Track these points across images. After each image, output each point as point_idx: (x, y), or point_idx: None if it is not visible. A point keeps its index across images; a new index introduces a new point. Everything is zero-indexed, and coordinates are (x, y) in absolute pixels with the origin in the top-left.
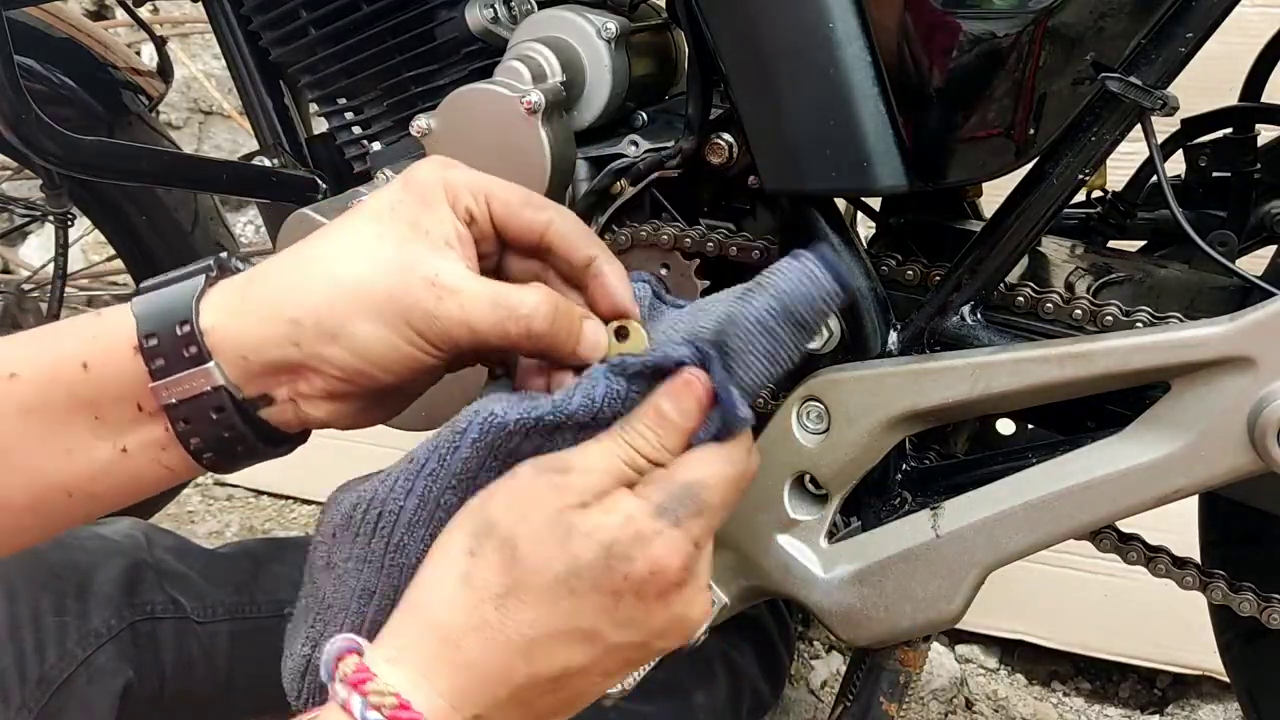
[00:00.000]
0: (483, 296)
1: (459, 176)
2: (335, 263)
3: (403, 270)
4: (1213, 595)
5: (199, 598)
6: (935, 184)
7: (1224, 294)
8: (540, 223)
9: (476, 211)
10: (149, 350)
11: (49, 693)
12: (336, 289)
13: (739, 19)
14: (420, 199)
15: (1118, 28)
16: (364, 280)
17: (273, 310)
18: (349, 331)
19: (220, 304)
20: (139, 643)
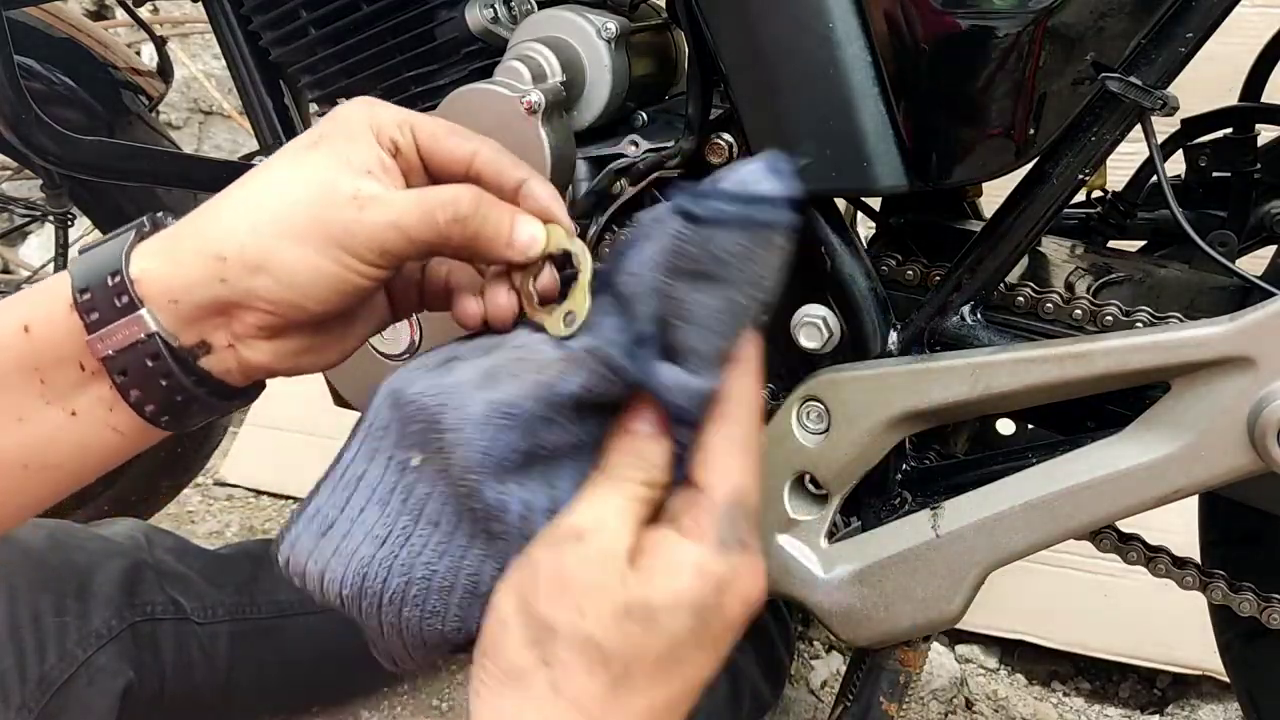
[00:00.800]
0: (407, 196)
1: (383, 110)
2: (258, 195)
3: (324, 192)
4: (1213, 595)
5: (199, 598)
6: (935, 184)
7: (1224, 294)
8: (466, 151)
9: (402, 142)
10: (83, 304)
11: (49, 693)
12: (259, 220)
13: (739, 19)
14: (344, 132)
15: (1118, 28)
16: (286, 207)
17: (198, 249)
18: (274, 260)
19: (150, 250)
20: (139, 643)
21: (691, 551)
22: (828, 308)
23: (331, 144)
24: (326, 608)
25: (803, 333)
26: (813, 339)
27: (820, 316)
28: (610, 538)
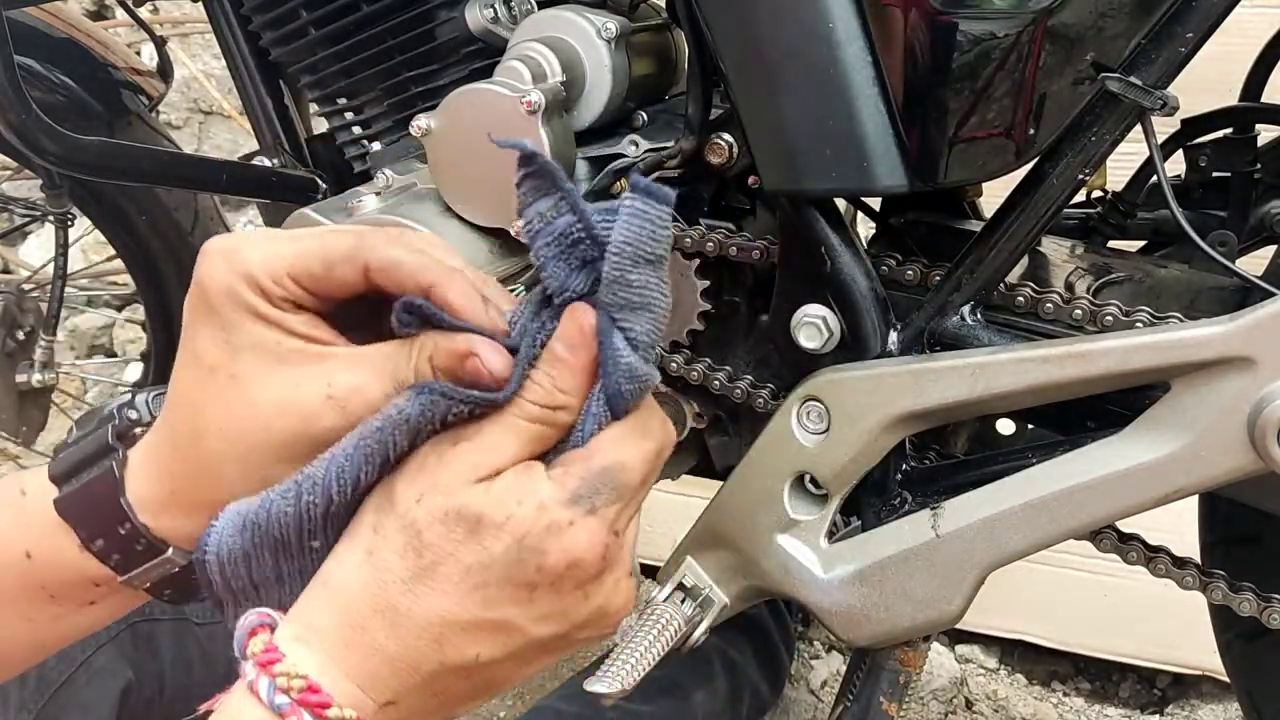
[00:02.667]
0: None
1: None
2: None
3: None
4: (1213, 595)
5: None
6: (935, 184)
7: (1224, 294)
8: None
9: (292, 294)
10: (100, 551)
11: (48, 693)
12: (246, 458)
13: (739, 19)
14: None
15: (1118, 28)
16: (263, 437)
17: (205, 499)
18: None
19: (148, 501)
20: (138, 644)
21: (542, 488)
22: (828, 308)
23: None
24: None
25: (803, 333)
26: (813, 339)
27: (820, 316)
28: (480, 445)
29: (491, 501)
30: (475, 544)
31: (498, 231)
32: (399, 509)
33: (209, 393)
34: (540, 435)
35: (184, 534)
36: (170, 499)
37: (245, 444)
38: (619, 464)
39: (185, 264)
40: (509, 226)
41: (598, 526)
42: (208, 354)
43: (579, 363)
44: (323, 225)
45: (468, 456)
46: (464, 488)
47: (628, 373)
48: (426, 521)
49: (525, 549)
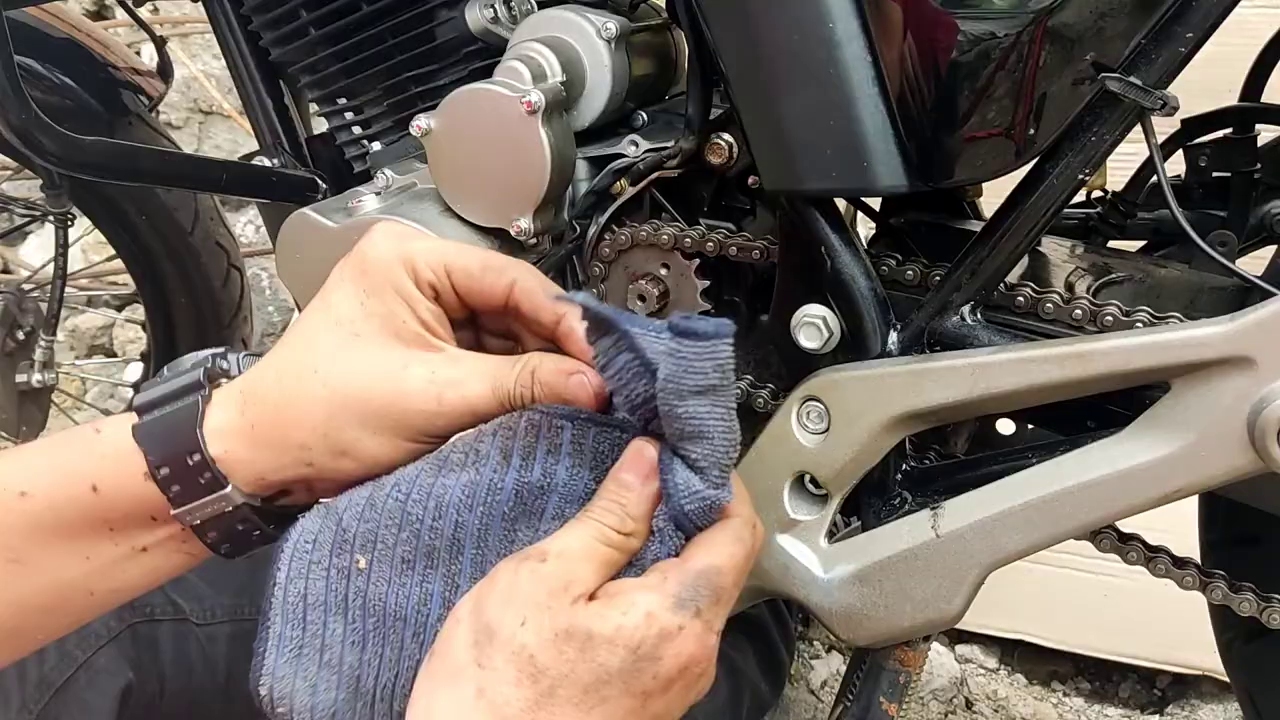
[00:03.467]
0: (483, 382)
1: (416, 252)
2: (327, 379)
3: (395, 376)
4: (1213, 595)
5: (198, 600)
6: (935, 184)
7: (1224, 294)
8: (502, 287)
9: (440, 285)
10: (163, 480)
11: (48, 694)
12: (336, 408)
13: (739, 19)
14: (385, 286)
15: (1118, 28)
16: (360, 394)
17: (280, 437)
18: (357, 448)
19: (225, 429)
20: (138, 645)
21: (646, 598)
22: (828, 308)
23: (377, 305)
24: None
25: (803, 333)
26: (813, 339)
27: (820, 316)
28: (569, 564)
29: (595, 617)
30: (590, 661)
31: (497, 231)
32: (503, 636)
33: (329, 339)
34: (612, 560)
35: (249, 470)
36: (249, 430)
37: (341, 396)
38: (714, 568)
39: (185, 264)
40: (508, 226)
41: (704, 629)
42: (341, 307)
43: (647, 492)
44: (326, 225)
45: (558, 576)
46: (566, 607)
47: (689, 495)
48: (538, 645)
49: (641, 658)
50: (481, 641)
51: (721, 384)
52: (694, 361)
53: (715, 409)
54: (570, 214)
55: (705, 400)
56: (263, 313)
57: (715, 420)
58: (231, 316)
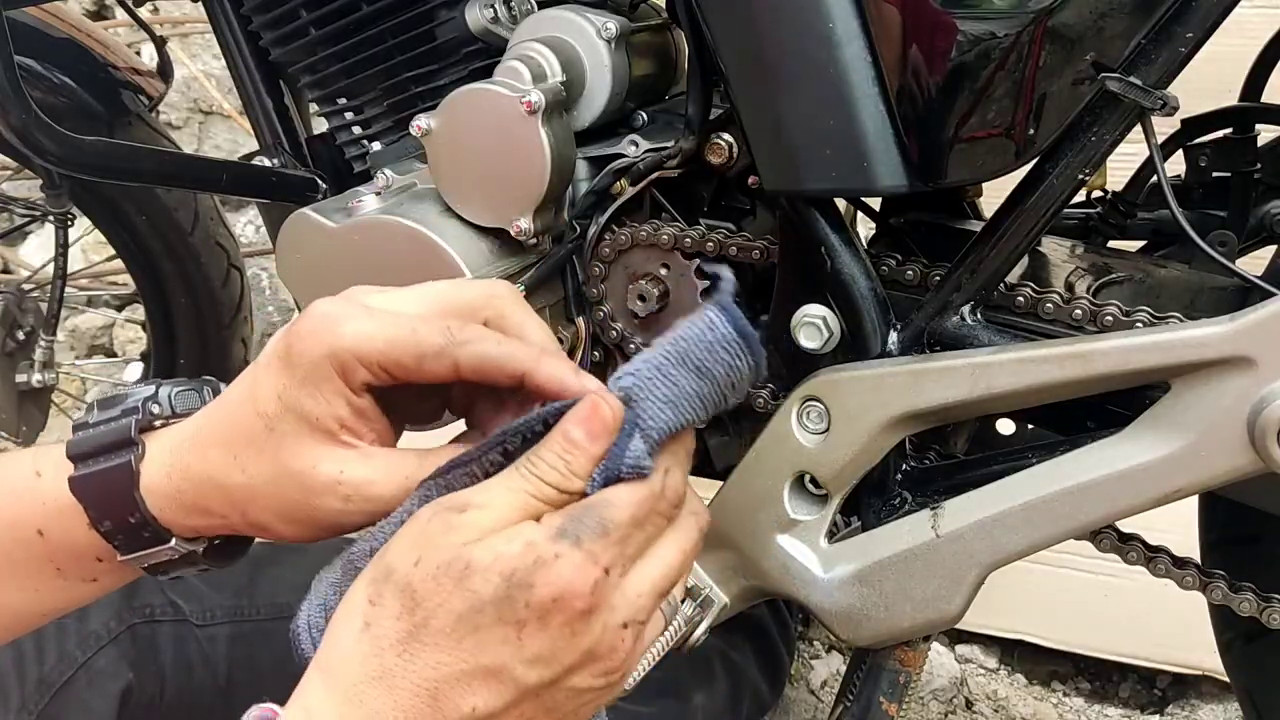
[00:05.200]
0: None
1: (346, 347)
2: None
3: (303, 477)
4: (1213, 595)
5: (198, 601)
6: (935, 184)
7: (1224, 294)
8: (445, 372)
9: (372, 380)
10: (107, 533)
11: (49, 695)
12: (251, 497)
13: (739, 19)
14: (305, 380)
15: (1118, 28)
16: (271, 490)
17: (204, 508)
18: (272, 530)
19: (158, 492)
20: (138, 645)
21: (528, 528)
22: (828, 308)
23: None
24: None
25: (803, 333)
26: (813, 339)
27: (820, 316)
28: (486, 512)
29: (481, 547)
30: (465, 589)
31: (497, 231)
32: (396, 575)
33: (246, 426)
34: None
35: (185, 528)
36: (178, 497)
37: (254, 488)
38: (603, 500)
39: (185, 264)
40: (508, 226)
41: (584, 560)
42: (262, 398)
43: (595, 450)
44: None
45: (475, 521)
46: (457, 543)
47: (633, 462)
48: (420, 579)
49: (513, 585)
50: (378, 579)
51: (720, 379)
52: (714, 339)
53: (700, 395)
54: (570, 214)
55: (697, 379)
56: (263, 312)
57: (692, 403)
58: (231, 316)
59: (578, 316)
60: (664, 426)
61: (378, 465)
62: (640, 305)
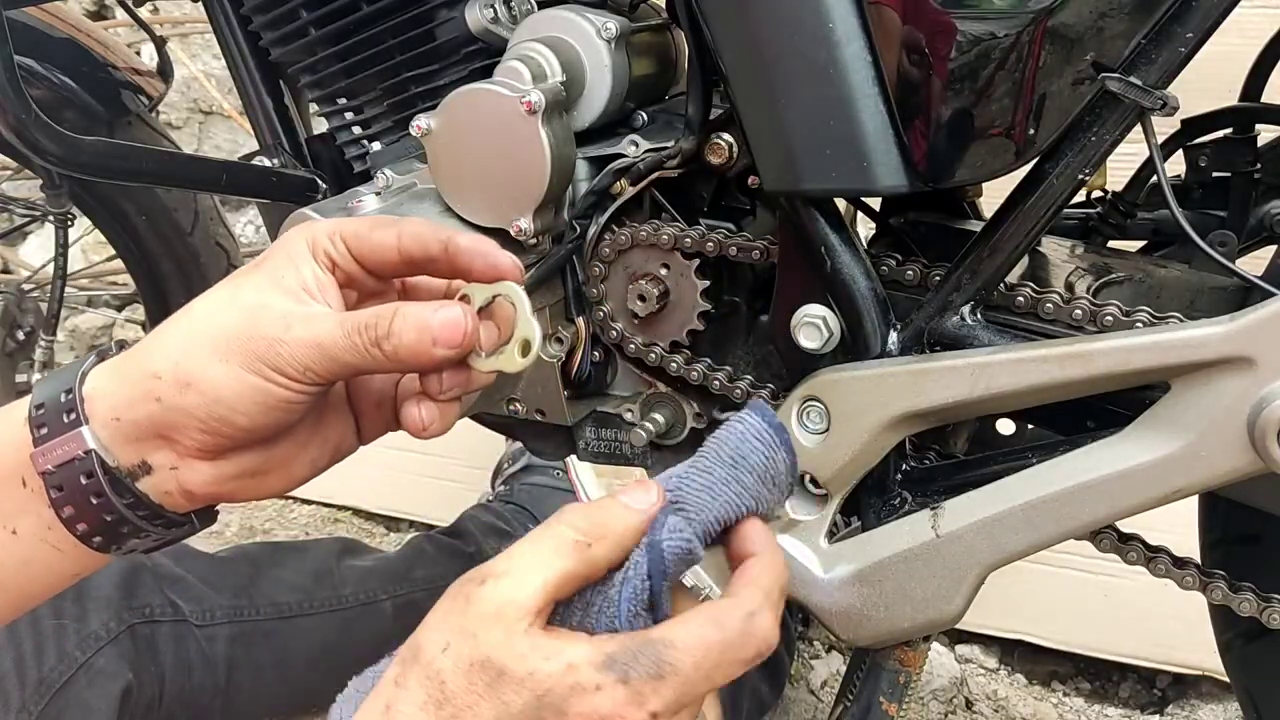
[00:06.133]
0: (331, 317)
1: (319, 226)
2: (197, 316)
3: (254, 313)
4: (1213, 595)
5: (197, 601)
6: (935, 184)
7: (1224, 294)
8: (389, 238)
9: (335, 254)
10: (35, 419)
11: (48, 695)
12: (192, 338)
13: (739, 19)
14: (283, 253)
15: (1118, 28)
16: (217, 327)
17: (139, 368)
18: (202, 376)
19: (103, 370)
20: (138, 646)
21: (576, 649)
22: (828, 308)
23: (269, 266)
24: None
25: (803, 333)
26: (813, 339)
27: (820, 316)
28: (513, 586)
29: (516, 655)
30: (495, 697)
31: (497, 231)
32: (424, 658)
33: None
34: (569, 574)
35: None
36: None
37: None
38: (666, 640)
39: (185, 264)
40: (508, 226)
41: (627, 697)
42: (238, 273)
43: (629, 515)
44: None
45: (493, 600)
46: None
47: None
48: (451, 672)
49: (545, 706)
50: (407, 660)
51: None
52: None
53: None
54: (570, 214)
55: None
56: None
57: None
58: None
59: (578, 316)
60: (704, 509)
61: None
62: (640, 305)
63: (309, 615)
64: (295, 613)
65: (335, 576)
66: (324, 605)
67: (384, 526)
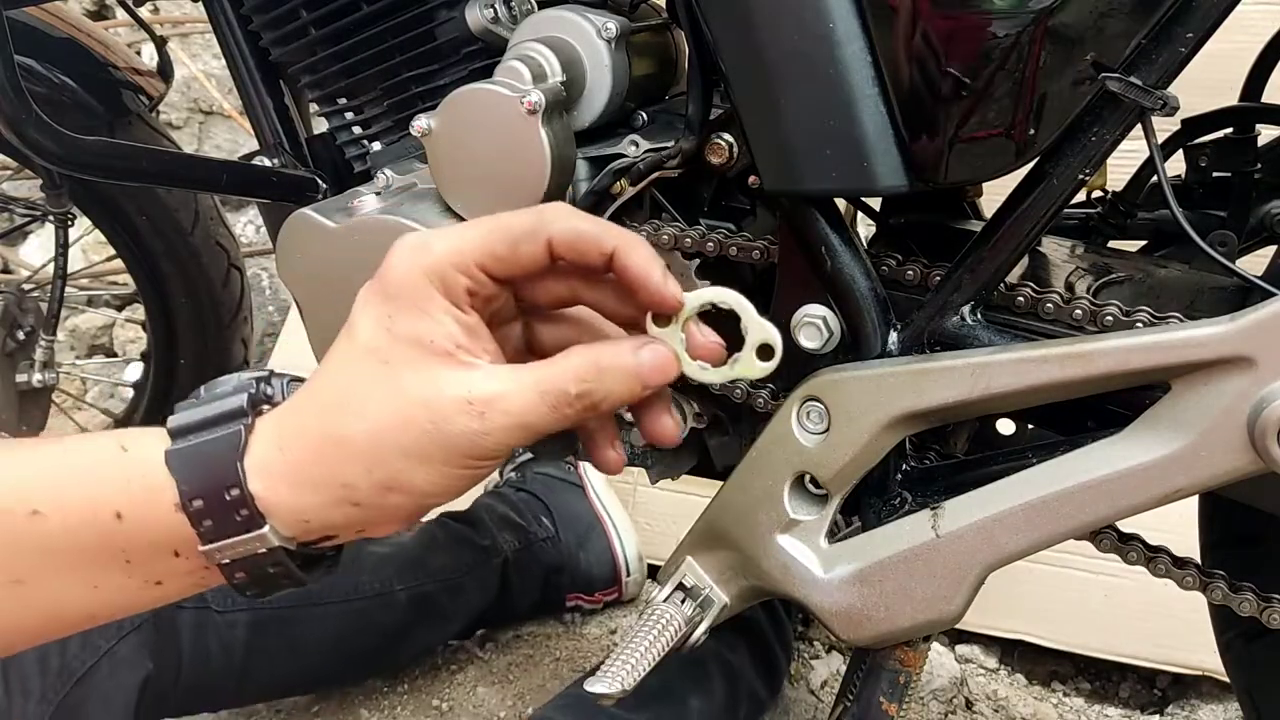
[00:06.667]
0: (526, 391)
1: (439, 260)
2: (364, 410)
3: (429, 401)
4: (1213, 595)
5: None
6: (935, 184)
7: (1224, 294)
8: (541, 251)
9: (478, 286)
10: (195, 513)
11: (70, 684)
12: (377, 441)
13: (739, 19)
14: (410, 306)
15: (1118, 27)
16: (398, 424)
17: (324, 475)
18: (404, 481)
19: (266, 466)
20: (160, 632)
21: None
22: (828, 308)
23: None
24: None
25: (803, 333)
26: (812, 339)
27: (820, 316)
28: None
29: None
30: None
31: None
32: None
33: (359, 371)
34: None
35: (290, 512)
36: (289, 468)
37: (379, 428)
38: None
39: (185, 264)
40: None
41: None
42: (367, 336)
43: None
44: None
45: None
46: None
47: None
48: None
49: None
50: None
51: None
52: None
53: None
54: None
55: None
56: (263, 312)
57: None
58: (232, 316)
59: None
60: None
61: (505, 378)
62: None
63: (327, 604)
64: (314, 600)
65: (355, 561)
66: (341, 594)
67: None
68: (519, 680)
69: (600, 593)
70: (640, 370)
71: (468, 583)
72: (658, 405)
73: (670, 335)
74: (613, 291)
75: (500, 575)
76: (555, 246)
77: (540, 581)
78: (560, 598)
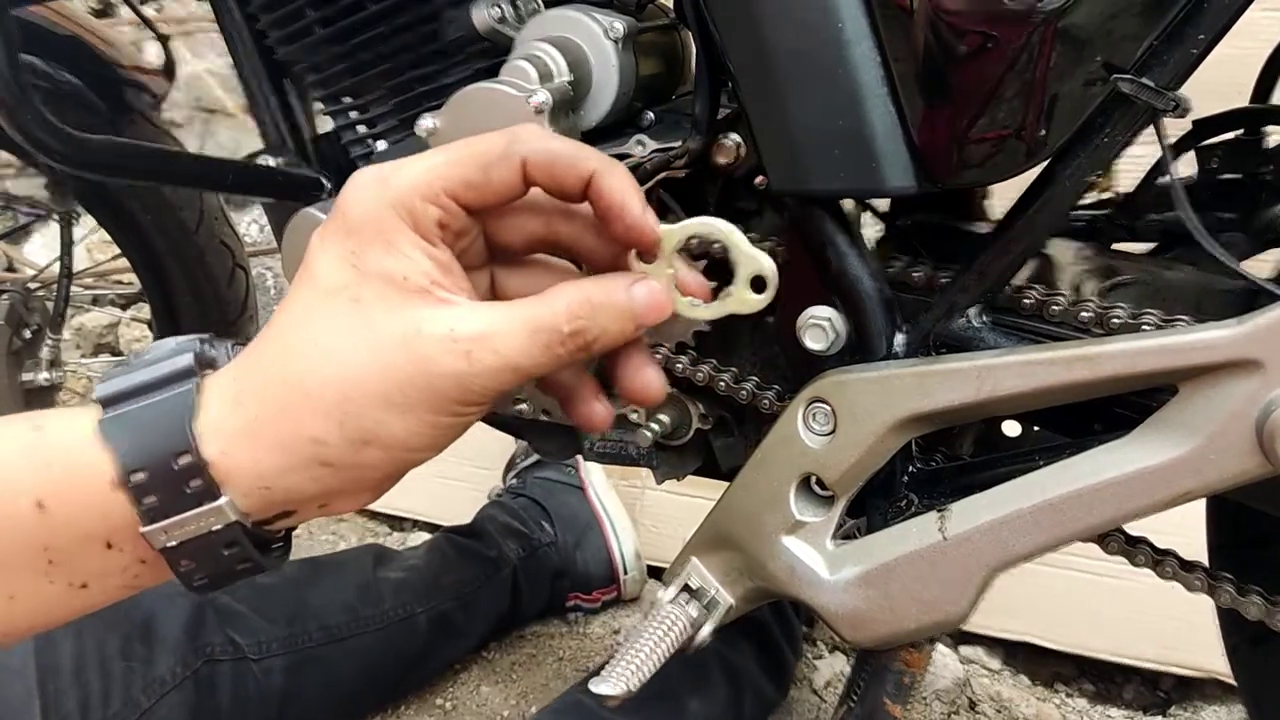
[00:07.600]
0: (516, 330)
1: (404, 190)
2: (331, 357)
3: (409, 341)
4: (1220, 598)
5: (254, 634)
6: (944, 185)
7: (1232, 297)
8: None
9: (445, 217)
10: (137, 487)
11: None
12: (349, 389)
13: (747, 19)
14: (377, 241)
15: (1129, 29)
16: (374, 369)
17: (289, 433)
18: (381, 432)
19: (220, 429)
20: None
21: None
22: (834, 309)
23: (372, 263)
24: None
25: (809, 334)
26: (819, 340)
27: (826, 318)
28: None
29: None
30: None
31: None
32: None
33: (325, 312)
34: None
35: (249, 475)
36: (249, 426)
37: (352, 374)
38: None
39: (190, 263)
40: None
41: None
42: (330, 276)
43: None
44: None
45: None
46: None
47: None
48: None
49: None
50: None
51: None
52: None
53: None
54: None
55: None
56: (267, 312)
57: None
58: (236, 315)
59: None
60: None
61: (491, 316)
62: None
63: (356, 636)
64: (345, 634)
65: (375, 591)
66: (369, 624)
67: (388, 526)
68: (522, 679)
69: (598, 591)
70: (634, 306)
71: (481, 596)
72: (637, 356)
73: (658, 272)
74: (590, 227)
75: (511, 585)
76: (530, 170)
77: (548, 587)
78: (563, 600)
